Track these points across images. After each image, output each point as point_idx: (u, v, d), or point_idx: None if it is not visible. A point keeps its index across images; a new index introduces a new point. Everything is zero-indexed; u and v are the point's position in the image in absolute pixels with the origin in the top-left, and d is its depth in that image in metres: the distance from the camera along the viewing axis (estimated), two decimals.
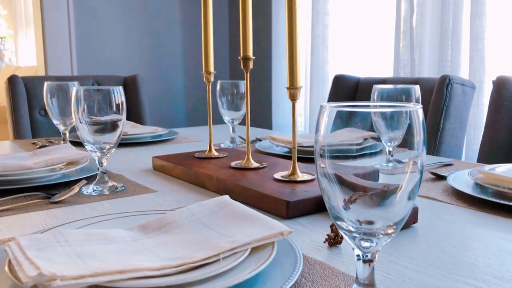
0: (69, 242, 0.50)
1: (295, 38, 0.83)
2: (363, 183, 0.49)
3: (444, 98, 1.40)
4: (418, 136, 0.45)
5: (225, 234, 0.54)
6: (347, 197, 0.48)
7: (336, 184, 0.48)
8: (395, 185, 0.47)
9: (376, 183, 0.49)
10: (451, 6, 1.70)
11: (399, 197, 0.43)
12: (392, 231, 0.43)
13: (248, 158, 0.97)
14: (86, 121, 0.87)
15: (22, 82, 1.73)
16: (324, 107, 0.43)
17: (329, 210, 0.46)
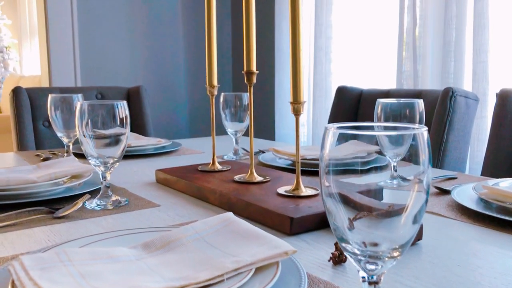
0: (73, 262, 0.50)
1: (298, 54, 0.83)
2: (367, 202, 0.49)
3: (447, 110, 1.40)
4: (423, 155, 0.45)
5: (230, 253, 0.53)
6: (352, 216, 0.48)
7: (340, 203, 0.48)
8: (400, 205, 0.47)
9: (381, 202, 0.49)
10: (454, 19, 1.70)
11: (405, 219, 0.43)
12: (397, 254, 0.43)
13: (251, 172, 0.97)
14: (90, 135, 0.87)
15: (26, 94, 1.73)
16: (328, 128, 0.43)
17: (334, 232, 0.46)
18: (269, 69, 2.76)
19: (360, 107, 1.79)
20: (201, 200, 0.92)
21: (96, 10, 2.79)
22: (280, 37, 2.63)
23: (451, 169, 1.39)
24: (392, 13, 2.04)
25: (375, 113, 1.02)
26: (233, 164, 1.15)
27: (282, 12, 2.60)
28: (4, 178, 0.91)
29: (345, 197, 0.48)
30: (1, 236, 0.71)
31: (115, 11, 2.85)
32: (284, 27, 2.61)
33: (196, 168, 1.10)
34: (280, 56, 2.65)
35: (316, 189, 0.87)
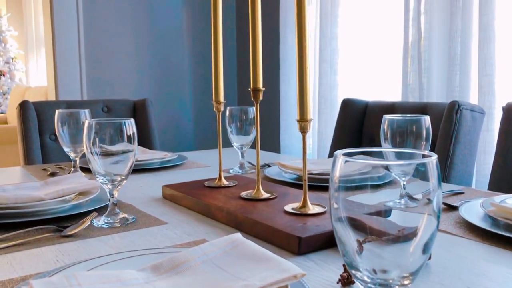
0: (82, 286, 0.50)
1: (305, 73, 0.84)
2: (376, 225, 0.49)
3: (453, 124, 1.40)
4: (432, 179, 0.45)
5: (238, 276, 0.53)
6: (361, 239, 0.48)
7: (349, 227, 0.48)
8: (409, 229, 0.47)
9: (390, 225, 0.49)
10: (459, 32, 1.71)
11: (414, 246, 0.43)
12: (408, 282, 0.43)
13: (258, 188, 0.97)
14: (97, 153, 0.87)
15: (33, 107, 1.75)
16: (338, 157, 0.43)
17: (344, 258, 0.46)
18: (274, 80, 2.77)
19: (366, 119, 1.79)
20: (208, 217, 0.92)
21: (102, 24, 2.81)
22: (285, 47, 2.64)
23: (457, 182, 1.39)
24: (397, 25, 2.05)
25: (382, 128, 1.02)
26: (239, 179, 1.15)
27: (287, 22, 2.61)
28: (12, 196, 0.92)
29: (353, 220, 0.48)
30: (10, 256, 0.71)
31: (121, 25, 2.88)
32: (289, 37, 2.62)
33: (203, 184, 1.10)
34: (285, 67, 2.66)
35: (323, 206, 0.87)
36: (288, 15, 2.59)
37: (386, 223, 0.49)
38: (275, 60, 2.74)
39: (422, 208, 0.47)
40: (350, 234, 0.47)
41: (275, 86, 2.76)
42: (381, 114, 1.72)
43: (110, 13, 2.83)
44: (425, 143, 0.96)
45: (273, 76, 2.77)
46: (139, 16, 2.94)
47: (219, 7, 1.02)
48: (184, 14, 3.09)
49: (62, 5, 2.66)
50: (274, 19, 2.72)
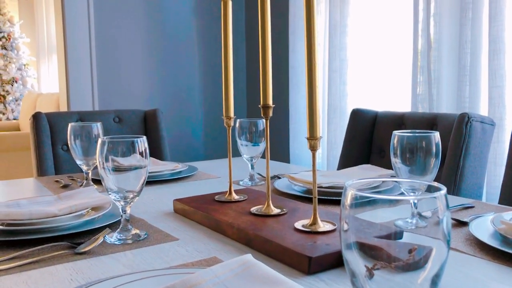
0: None
1: (314, 91, 0.84)
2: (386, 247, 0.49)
3: (463, 136, 1.40)
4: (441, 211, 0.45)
5: None
6: (370, 265, 0.48)
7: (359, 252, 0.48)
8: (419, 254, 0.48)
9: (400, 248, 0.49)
10: (469, 43, 1.71)
11: (424, 278, 0.44)
12: None
13: (268, 204, 0.98)
14: (109, 169, 0.89)
15: (46, 119, 1.77)
16: (348, 190, 0.44)
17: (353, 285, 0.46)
18: (284, 88, 2.78)
19: (375, 130, 1.80)
20: (219, 233, 0.93)
21: (113, 33, 2.84)
22: (294, 55, 2.65)
23: (467, 195, 1.39)
24: (406, 35, 2.05)
25: (391, 143, 1.02)
26: (249, 193, 1.16)
27: (296, 30, 2.62)
28: (27, 212, 0.93)
29: (363, 245, 0.49)
30: (25, 274, 0.73)
31: (132, 34, 2.91)
32: (298, 45, 2.63)
33: (213, 198, 1.11)
34: (294, 75, 2.66)
35: (333, 223, 0.87)
36: (297, 23, 2.60)
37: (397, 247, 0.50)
38: (284, 69, 2.75)
39: (432, 229, 0.47)
40: (359, 262, 0.48)
41: (284, 95, 2.77)
42: (390, 125, 1.73)
43: (121, 23, 2.86)
44: (435, 159, 0.96)
45: (283, 84, 2.78)
46: (150, 25, 2.96)
47: (229, 29, 1.03)
48: (195, 24, 3.11)
49: (73, 14, 2.70)
50: (283, 28, 2.73)
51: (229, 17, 1.05)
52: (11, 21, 5.99)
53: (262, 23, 0.92)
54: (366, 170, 1.39)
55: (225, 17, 1.05)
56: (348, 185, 0.44)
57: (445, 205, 0.42)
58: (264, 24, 0.91)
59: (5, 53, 5.87)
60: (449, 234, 0.47)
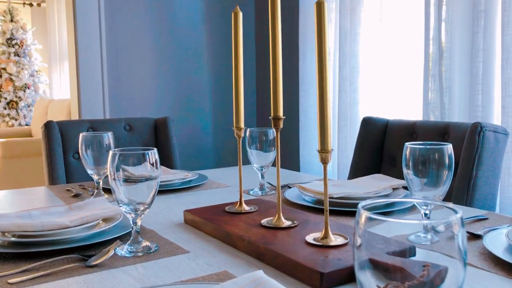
0: None
1: (326, 105, 0.84)
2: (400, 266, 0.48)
3: (476, 146, 1.38)
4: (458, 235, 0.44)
5: None
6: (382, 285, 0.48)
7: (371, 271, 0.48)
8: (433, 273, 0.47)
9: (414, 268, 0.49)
10: (481, 52, 1.69)
11: None
12: None
13: (279, 217, 0.97)
14: (120, 179, 0.89)
15: (57, 127, 1.78)
16: (361, 212, 0.43)
17: None
18: (294, 96, 2.77)
19: (386, 138, 1.78)
20: (229, 246, 0.93)
21: (124, 41, 2.86)
22: (304, 64, 2.65)
23: (481, 205, 1.37)
24: (417, 43, 2.04)
25: (403, 155, 1.01)
26: (259, 204, 1.16)
27: (307, 39, 2.62)
28: (39, 223, 0.94)
29: (376, 264, 0.48)
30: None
31: (143, 42, 2.92)
32: (308, 54, 2.63)
33: (224, 209, 1.11)
34: (304, 83, 2.66)
35: (345, 237, 0.86)
36: (307, 32, 2.60)
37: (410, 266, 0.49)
38: (294, 76, 2.75)
39: (447, 245, 0.46)
40: (372, 282, 0.47)
41: (294, 102, 2.77)
42: (402, 133, 1.72)
43: (131, 30, 2.88)
44: (448, 172, 0.95)
45: (292, 91, 2.78)
46: (161, 34, 2.98)
47: (240, 41, 1.03)
48: (204, 32, 3.12)
49: (85, 23, 2.72)
50: (293, 35, 2.73)
51: (240, 28, 1.06)
52: (24, 28, 6.07)
53: (272, 37, 0.92)
54: (377, 180, 1.38)
55: (235, 28, 1.05)
56: (361, 207, 0.44)
57: (461, 225, 0.42)
58: (275, 38, 0.91)
59: (17, 59, 5.94)
60: (465, 253, 0.46)
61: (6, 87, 5.93)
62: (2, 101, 5.95)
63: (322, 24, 0.81)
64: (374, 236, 0.47)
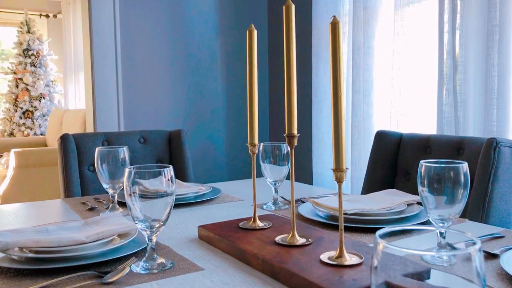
0: None
1: (341, 122, 0.84)
2: None
3: (491, 161, 1.37)
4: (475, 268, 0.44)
5: None
6: None
7: None
8: None
9: None
10: (496, 67, 1.68)
11: None
12: None
13: (293, 234, 0.97)
14: (136, 198, 0.90)
15: (73, 140, 1.81)
16: (378, 243, 0.43)
17: None
18: (306, 108, 2.78)
19: (400, 152, 1.78)
20: (244, 263, 0.93)
21: (139, 53, 2.90)
22: (317, 76, 2.65)
23: (497, 222, 1.35)
24: (431, 58, 2.03)
25: (418, 172, 1.01)
26: (273, 220, 1.16)
27: (319, 52, 2.63)
28: (56, 239, 0.95)
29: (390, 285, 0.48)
30: None
31: (157, 55, 2.96)
32: (320, 66, 2.64)
33: (238, 225, 1.11)
34: (317, 95, 2.66)
35: (360, 256, 0.86)
36: (320, 45, 2.61)
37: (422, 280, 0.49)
38: (307, 89, 2.76)
39: (462, 267, 0.46)
40: None
41: (307, 115, 2.77)
42: (416, 147, 1.71)
43: (146, 43, 2.91)
44: (463, 190, 0.94)
45: (305, 104, 2.78)
46: (175, 46, 3.01)
47: (255, 59, 1.04)
48: (219, 45, 3.15)
49: (100, 35, 2.76)
50: (307, 48, 2.74)
51: (255, 46, 1.07)
52: (40, 39, 6.17)
53: (287, 56, 0.92)
54: (392, 195, 1.38)
55: (250, 46, 1.06)
56: (378, 237, 0.44)
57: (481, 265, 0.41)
58: (290, 58, 0.92)
59: (34, 70, 6.03)
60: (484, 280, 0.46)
61: (22, 97, 6.02)
62: (18, 111, 6.04)
63: (337, 44, 0.82)
64: (390, 256, 0.47)
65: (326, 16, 2.59)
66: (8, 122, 6.13)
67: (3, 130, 6.19)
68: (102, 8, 2.76)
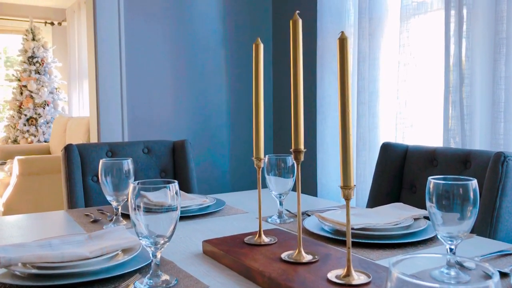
0: None
1: (348, 138, 0.83)
2: None
3: (499, 176, 1.35)
4: None
5: None
6: None
7: None
8: None
9: None
10: (503, 79, 1.67)
11: None
12: None
13: (299, 251, 0.96)
14: (141, 213, 0.89)
15: (77, 150, 1.80)
16: (393, 273, 0.42)
17: None
18: (311, 119, 2.77)
19: (406, 164, 1.76)
20: (249, 280, 0.92)
21: (143, 63, 2.90)
22: (322, 86, 2.64)
23: (505, 237, 1.34)
24: (437, 70, 2.02)
25: (427, 189, 0.99)
26: (278, 235, 1.14)
27: (324, 63, 2.62)
28: (59, 254, 0.94)
29: None
30: None
31: (162, 65, 2.96)
32: (325, 77, 2.63)
33: (243, 240, 1.10)
34: (322, 105, 2.65)
35: (368, 275, 0.85)
36: (325, 55, 2.60)
37: None
38: (312, 99, 2.75)
39: None
40: None
41: (311, 125, 2.76)
42: (422, 160, 1.70)
43: (151, 53, 2.92)
44: (472, 207, 0.93)
45: (310, 114, 2.78)
46: (180, 57, 3.01)
47: (261, 73, 1.04)
48: (223, 56, 3.14)
49: (105, 45, 2.77)
50: (312, 59, 2.73)
51: (261, 60, 1.06)
52: (45, 47, 6.19)
53: (294, 72, 0.91)
54: (398, 209, 1.36)
55: (256, 60, 1.06)
56: (392, 265, 0.42)
57: None
58: (296, 73, 0.91)
59: (38, 77, 6.05)
60: None
61: (26, 104, 6.04)
62: (22, 118, 6.06)
63: (345, 61, 0.81)
64: (402, 281, 0.45)
65: (331, 27, 2.59)
66: (12, 129, 6.14)
67: (7, 137, 6.20)
68: (107, 17, 2.77)
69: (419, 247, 1.14)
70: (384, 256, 1.07)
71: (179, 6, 3.00)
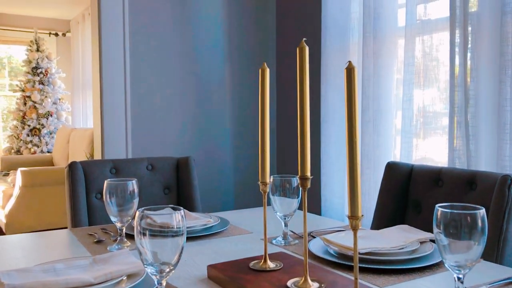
0: None
1: (356, 167, 0.83)
2: None
3: (506, 199, 1.35)
4: None
5: None
6: None
7: None
8: None
9: None
10: (508, 101, 1.67)
11: None
12: None
13: (305, 279, 0.95)
14: (147, 240, 0.88)
15: (81, 168, 1.80)
16: None
17: None
18: (315, 137, 2.76)
19: (411, 184, 1.75)
20: None
21: (147, 79, 2.90)
22: (326, 104, 2.64)
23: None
24: (443, 89, 2.02)
25: (435, 216, 0.99)
26: (284, 259, 1.14)
27: (328, 80, 2.63)
28: (63, 280, 0.93)
29: None
30: None
31: (166, 80, 2.96)
32: (329, 95, 2.63)
33: (248, 265, 1.09)
34: (326, 121, 2.65)
35: None
36: (329, 74, 2.61)
37: None
38: (315, 116, 2.75)
39: None
40: None
41: (315, 143, 2.76)
42: (427, 180, 1.69)
43: (155, 69, 2.92)
44: (480, 236, 0.92)
45: (314, 131, 2.77)
46: (184, 73, 3.01)
47: (267, 98, 1.04)
48: (228, 74, 3.15)
49: (110, 55, 2.78)
50: (315, 76, 2.74)
51: (267, 85, 1.06)
52: (49, 58, 6.22)
53: (300, 98, 0.91)
54: (404, 232, 1.35)
55: (262, 85, 1.06)
56: None
57: None
58: (303, 100, 0.91)
59: (42, 87, 6.07)
60: None
61: (30, 115, 6.06)
62: (26, 128, 6.07)
63: (353, 90, 0.81)
64: None
65: (335, 44, 2.59)
66: (15, 139, 6.15)
67: (10, 147, 6.21)
68: (112, 29, 2.78)
69: (425, 273, 1.13)
70: (391, 282, 1.06)
71: (185, 22, 3.01)
